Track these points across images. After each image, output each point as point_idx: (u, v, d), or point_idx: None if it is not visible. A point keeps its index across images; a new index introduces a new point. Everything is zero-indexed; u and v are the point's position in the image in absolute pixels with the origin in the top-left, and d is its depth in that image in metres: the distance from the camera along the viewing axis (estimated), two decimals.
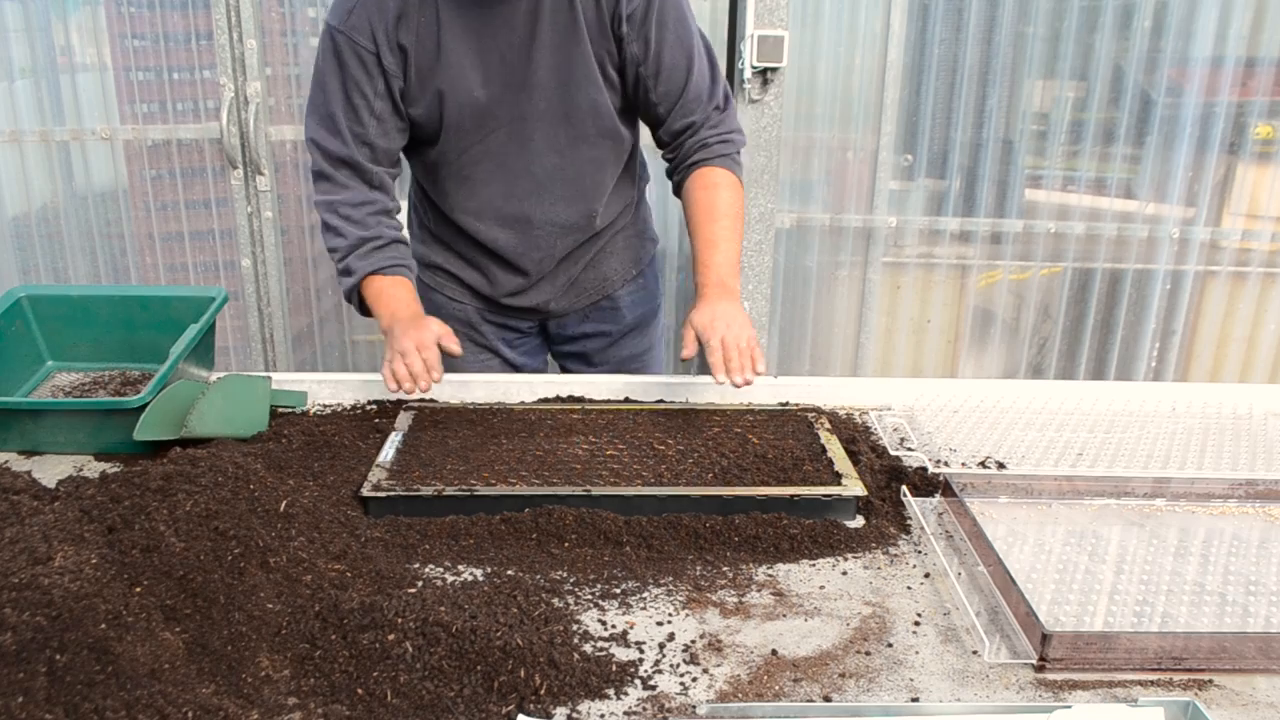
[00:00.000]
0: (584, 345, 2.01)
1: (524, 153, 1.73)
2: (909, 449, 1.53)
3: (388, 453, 1.47)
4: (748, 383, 1.50)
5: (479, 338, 1.97)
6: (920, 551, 1.32)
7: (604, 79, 1.69)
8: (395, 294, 1.66)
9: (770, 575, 1.26)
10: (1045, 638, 1.07)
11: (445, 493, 1.36)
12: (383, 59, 1.61)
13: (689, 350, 1.55)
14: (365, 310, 1.71)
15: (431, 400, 1.69)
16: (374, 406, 1.70)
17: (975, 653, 1.11)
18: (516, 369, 2.00)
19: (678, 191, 1.78)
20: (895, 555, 1.31)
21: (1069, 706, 1.01)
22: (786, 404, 1.70)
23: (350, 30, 1.59)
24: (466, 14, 1.60)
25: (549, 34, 1.63)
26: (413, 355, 1.50)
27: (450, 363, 2.01)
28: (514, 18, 1.61)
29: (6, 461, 1.49)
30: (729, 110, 1.76)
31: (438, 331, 1.57)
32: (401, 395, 1.61)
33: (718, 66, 1.75)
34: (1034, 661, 1.09)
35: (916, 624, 1.16)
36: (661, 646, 1.11)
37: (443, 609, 1.09)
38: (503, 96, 1.67)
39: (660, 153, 1.82)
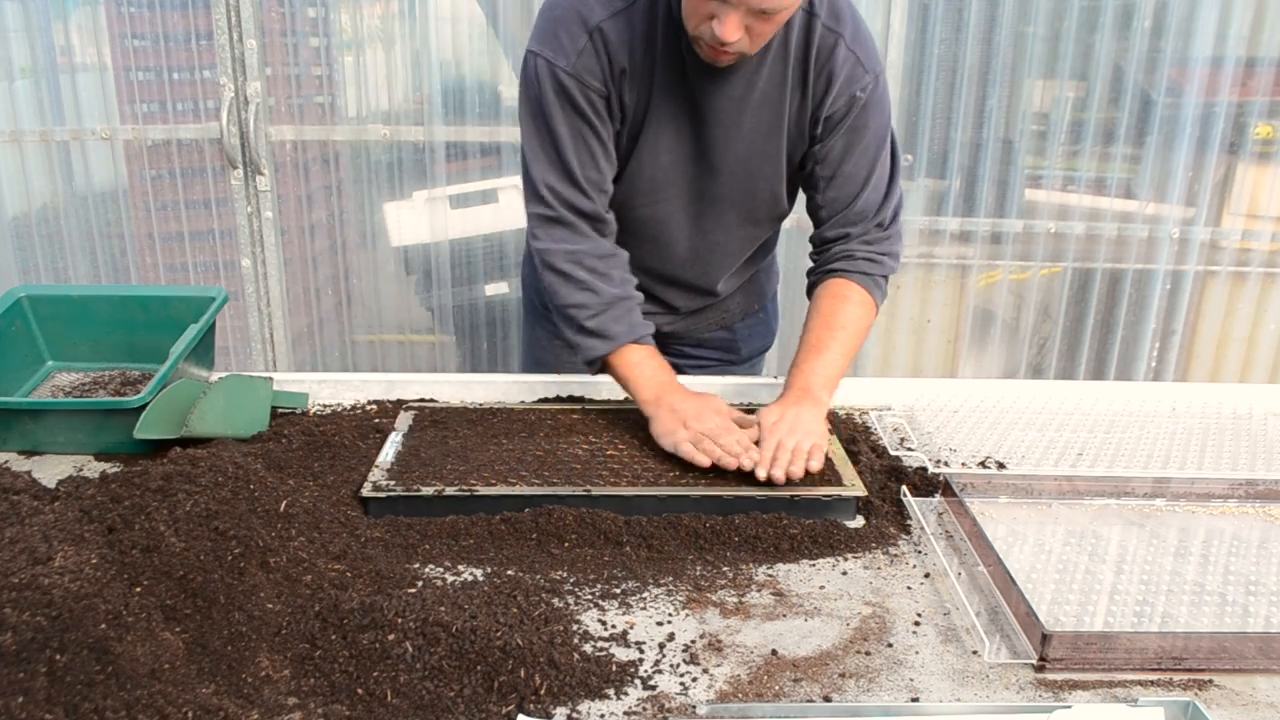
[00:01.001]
0: (689, 363, 1.97)
1: (690, 226, 1.70)
2: (909, 449, 1.53)
3: (388, 453, 1.47)
4: (787, 478, 1.37)
5: None
6: (920, 551, 1.32)
7: (789, 171, 1.64)
8: (659, 364, 1.56)
9: (770, 575, 1.26)
10: (1045, 638, 1.07)
11: (445, 493, 1.36)
12: (611, 103, 1.54)
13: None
14: (602, 369, 1.60)
15: (431, 400, 1.69)
16: (374, 406, 1.70)
17: (975, 653, 1.11)
18: None
19: (810, 291, 1.68)
20: (895, 555, 1.31)
21: (1069, 706, 1.01)
22: None
23: (580, 72, 1.49)
24: (676, 85, 1.54)
25: (750, 125, 1.57)
26: (730, 436, 1.41)
27: (539, 359, 1.94)
28: (720, 100, 1.55)
29: (6, 461, 1.49)
30: (892, 230, 1.64)
31: (730, 411, 1.48)
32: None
33: (896, 185, 1.65)
34: (1034, 661, 1.09)
35: (916, 624, 1.16)
36: (661, 646, 1.11)
37: (443, 609, 1.09)
38: (686, 171, 1.62)
39: (808, 249, 1.72)
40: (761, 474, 1.37)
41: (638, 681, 1.05)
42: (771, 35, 1.43)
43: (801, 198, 1.72)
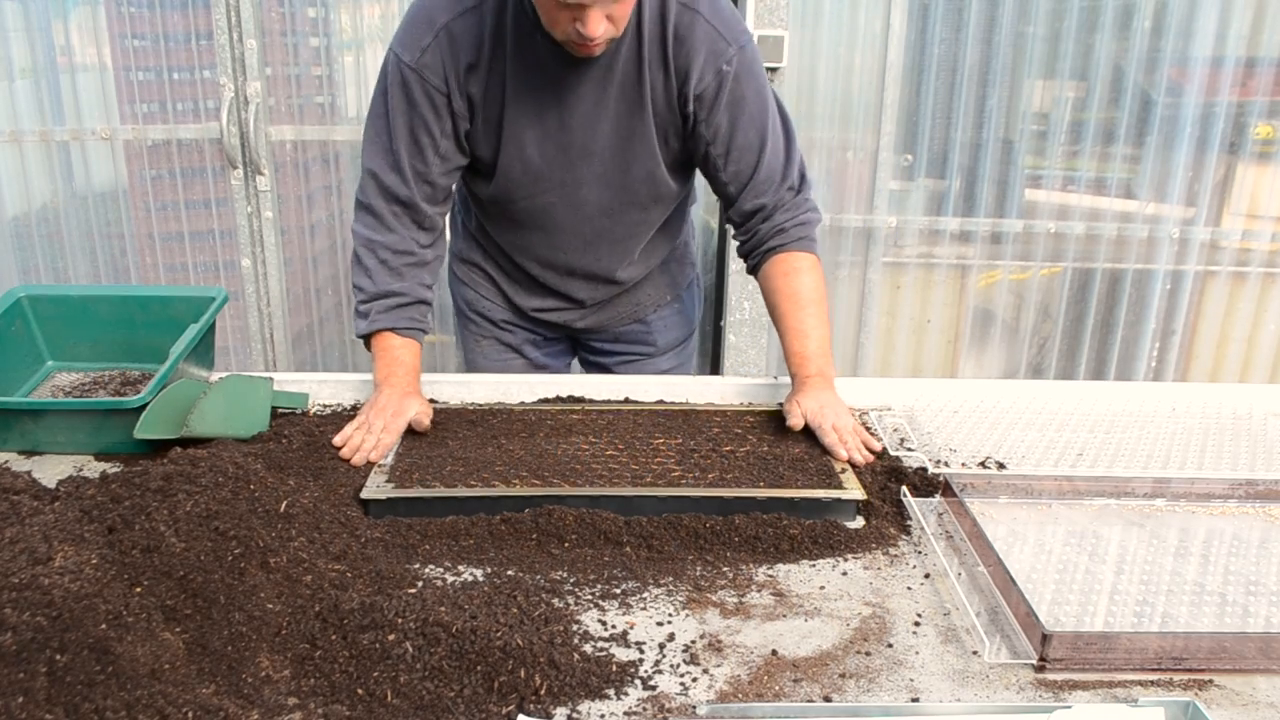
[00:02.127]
0: (611, 360, 2.00)
1: (574, 213, 1.72)
2: (909, 449, 1.53)
3: (388, 453, 1.47)
4: (870, 458, 1.50)
5: (506, 337, 1.96)
6: (920, 552, 1.32)
7: (664, 150, 1.65)
8: (400, 358, 1.63)
9: (770, 575, 1.26)
10: (1045, 638, 1.07)
11: (445, 493, 1.36)
12: (453, 101, 1.58)
13: (798, 423, 1.54)
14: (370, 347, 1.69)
15: (431, 400, 1.69)
16: None
17: (975, 653, 1.11)
18: (540, 369, 1.99)
19: (754, 272, 1.73)
20: (895, 556, 1.31)
21: (1069, 706, 1.01)
22: None
23: (422, 68, 1.55)
24: (533, 77, 1.57)
25: (614, 105, 1.60)
26: (374, 435, 1.49)
27: (471, 360, 2.01)
28: (580, 86, 1.58)
29: (6, 461, 1.49)
30: (804, 191, 1.69)
31: (414, 415, 1.54)
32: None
33: (794, 145, 1.68)
34: (1034, 661, 1.09)
35: (916, 624, 1.16)
36: (661, 647, 1.11)
37: (443, 609, 1.09)
38: (558, 160, 1.65)
39: (731, 231, 1.76)
40: (843, 454, 1.48)
41: (638, 681, 1.05)
42: (628, 14, 1.47)
43: (703, 183, 1.75)
